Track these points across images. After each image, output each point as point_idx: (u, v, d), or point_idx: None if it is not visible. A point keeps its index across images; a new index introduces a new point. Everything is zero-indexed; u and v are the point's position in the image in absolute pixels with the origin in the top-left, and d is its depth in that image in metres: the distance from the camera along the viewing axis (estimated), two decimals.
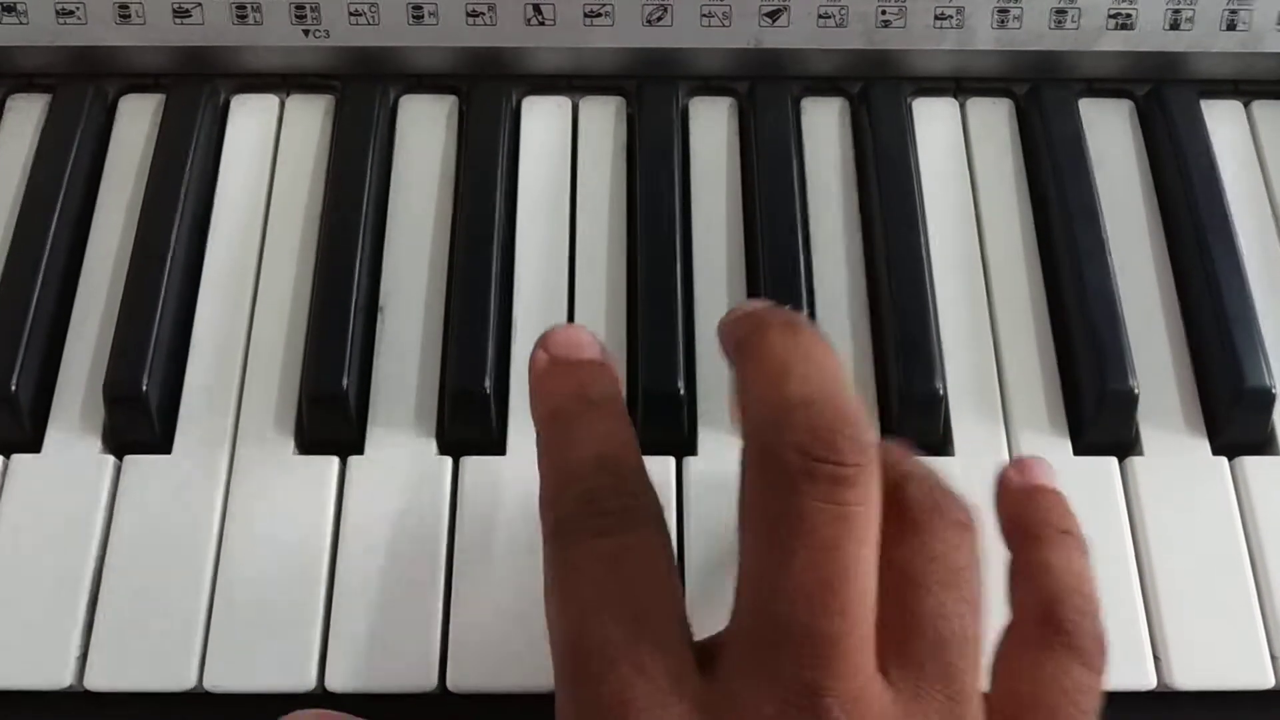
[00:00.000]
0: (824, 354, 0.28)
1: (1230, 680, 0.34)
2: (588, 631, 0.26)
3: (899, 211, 0.41)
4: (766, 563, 0.25)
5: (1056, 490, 0.31)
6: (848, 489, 0.25)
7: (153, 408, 0.37)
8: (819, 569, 0.25)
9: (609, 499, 0.27)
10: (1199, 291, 0.40)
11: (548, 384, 0.30)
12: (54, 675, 0.34)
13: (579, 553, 0.26)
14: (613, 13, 0.43)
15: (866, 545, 0.25)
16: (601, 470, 0.28)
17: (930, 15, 0.43)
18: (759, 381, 0.27)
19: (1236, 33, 0.43)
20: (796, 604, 0.24)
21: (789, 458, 0.25)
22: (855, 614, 0.25)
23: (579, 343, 0.31)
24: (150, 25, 0.43)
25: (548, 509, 0.28)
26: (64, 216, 0.41)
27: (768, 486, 0.26)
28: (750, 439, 0.27)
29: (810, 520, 0.25)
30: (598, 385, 0.30)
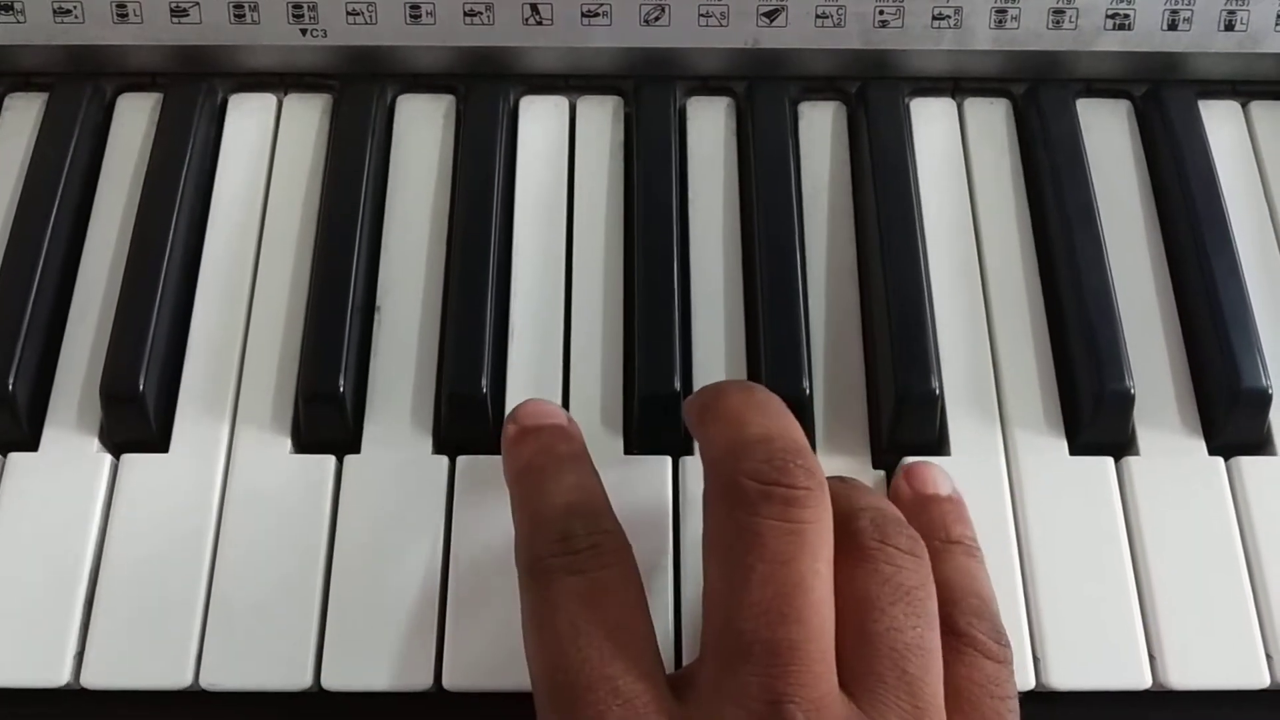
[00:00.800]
0: (776, 404, 0.31)
1: (1225, 680, 0.34)
2: (566, 662, 0.28)
3: (896, 211, 0.41)
4: (727, 582, 0.28)
5: (943, 496, 0.34)
6: (800, 508, 0.28)
7: (150, 407, 0.37)
8: (776, 582, 0.27)
9: (580, 539, 0.29)
10: (1196, 292, 0.40)
11: (518, 447, 0.33)
12: (51, 673, 0.34)
13: (555, 590, 0.29)
14: (610, 12, 0.43)
15: (820, 560, 0.28)
16: (571, 515, 0.30)
17: (928, 15, 0.43)
18: (718, 430, 0.30)
19: (1234, 33, 0.43)
20: (758, 616, 0.27)
21: (745, 484, 0.28)
22: (812, 623, 0.27)
23: (545, 413, 0.34)
24: (148, 24, 0.43)
25: (523, 554, 0.30)
26: (61, 215, 0.41)
27: (727, 511, 0.28)
28: (712, 474, 0.30)
29: (765, 537, 0.27)
30: (564, 443, 0.33)
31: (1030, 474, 0.37)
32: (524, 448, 0.33)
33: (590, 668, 0.27)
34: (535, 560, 0.30)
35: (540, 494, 0.31)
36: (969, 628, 0.30)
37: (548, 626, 0.29)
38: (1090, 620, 0.35)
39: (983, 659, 0.30)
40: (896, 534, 0.30)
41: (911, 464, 0.35)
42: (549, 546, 0.29)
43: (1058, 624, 0.35)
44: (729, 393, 0.32)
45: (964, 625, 0.31)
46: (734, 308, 0.40)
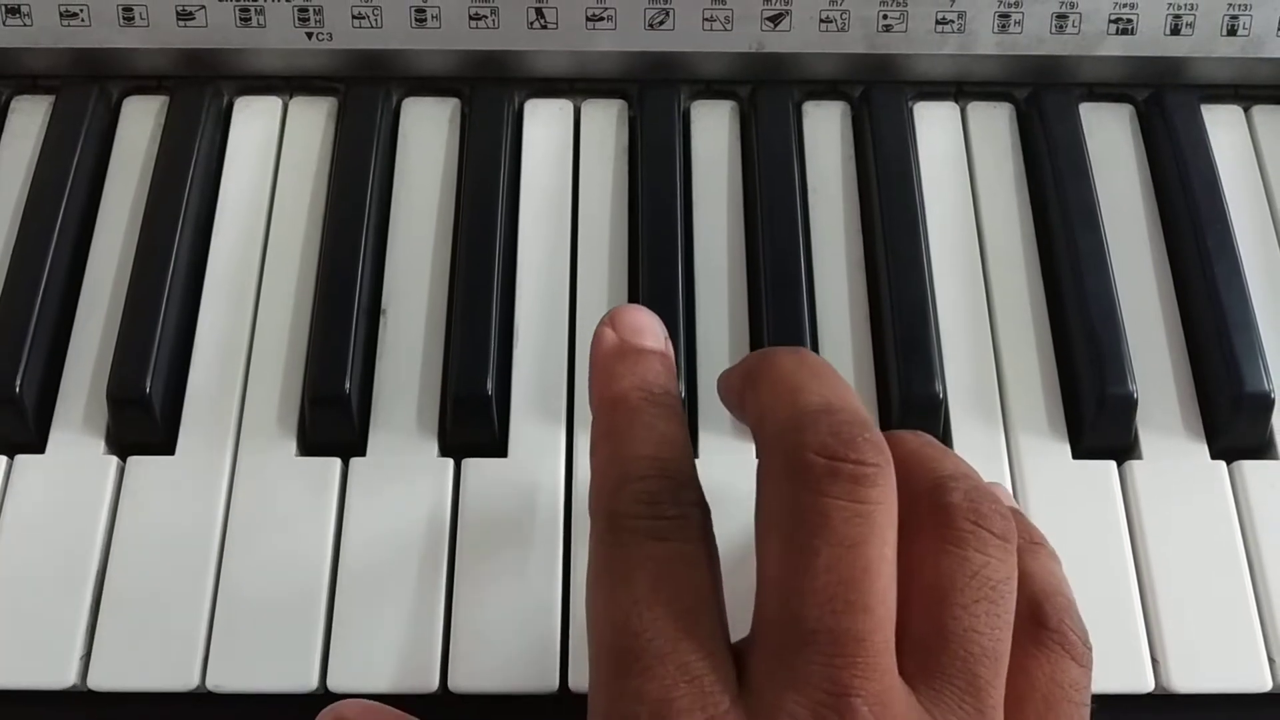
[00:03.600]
0: (832, 370, 0.29)
1: (1228, 683, 0.35)
2: (636, 628, 0.26)
3: (899, 215, 0.41)
4: (789, 565, 0.25)
5: (1018, 509, 0.33)
6: (869, 488, 0.25)
7: (156, 409, 0.37)
8: (843, 568, 0.25)
9: (668, 505, 0.27)
10: (1198, 296, 0.40)
11: (614, 367, 0.30)
12: (58, 675, 0.34)
13: (635, 553, 0.27)
14: (615, 16, 0.43)
15: (887, 544, 0.26)
16: (662, 473, 0.28)
17: (931, 20, 0.43)
18: (774, 398, 0.28)
19: (1237, 38, 0.43)
20: (822, 604, 0.25)
21: (811, 459, 0.26)
22: (878, 613, 0.25)
23: (646, 329, 0.31)
24: (154, 27, 0.43)
25: (604, 499, 0.28)
26: (68, 217, 0.41)
27: (790, 489, 0.26)
28: (770, 448, 0.27)
29: (833, 520, 0.25)
30: (661, 381, 0.30)
31: (1033, 477, 0.37)
32: (621, 372, 0.30)
33: (663, 640, 0.26)
34: (617, 515, 0.27)
35: (632, 439, 0.29)
36: (1061, 624, 0.28)
37: (623, 586, 0.26)
38: (1093, 624, 0.34)
39: (1069, 660, 0.28)
40: (992, 514, 0.27)
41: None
42: (634, 505, 0.27)
43: None
44: (779, 356, 0.29)
45: (1056, 620, 0.28)
46: (738, 310, 0.40)
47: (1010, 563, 0.27)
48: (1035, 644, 0.28)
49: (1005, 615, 0.27)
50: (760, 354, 0.30)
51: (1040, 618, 0.28)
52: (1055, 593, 0.29)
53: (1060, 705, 0.27)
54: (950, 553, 0.27)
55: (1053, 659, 0.28)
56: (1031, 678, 0.28)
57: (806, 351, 0.30)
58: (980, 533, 0.27)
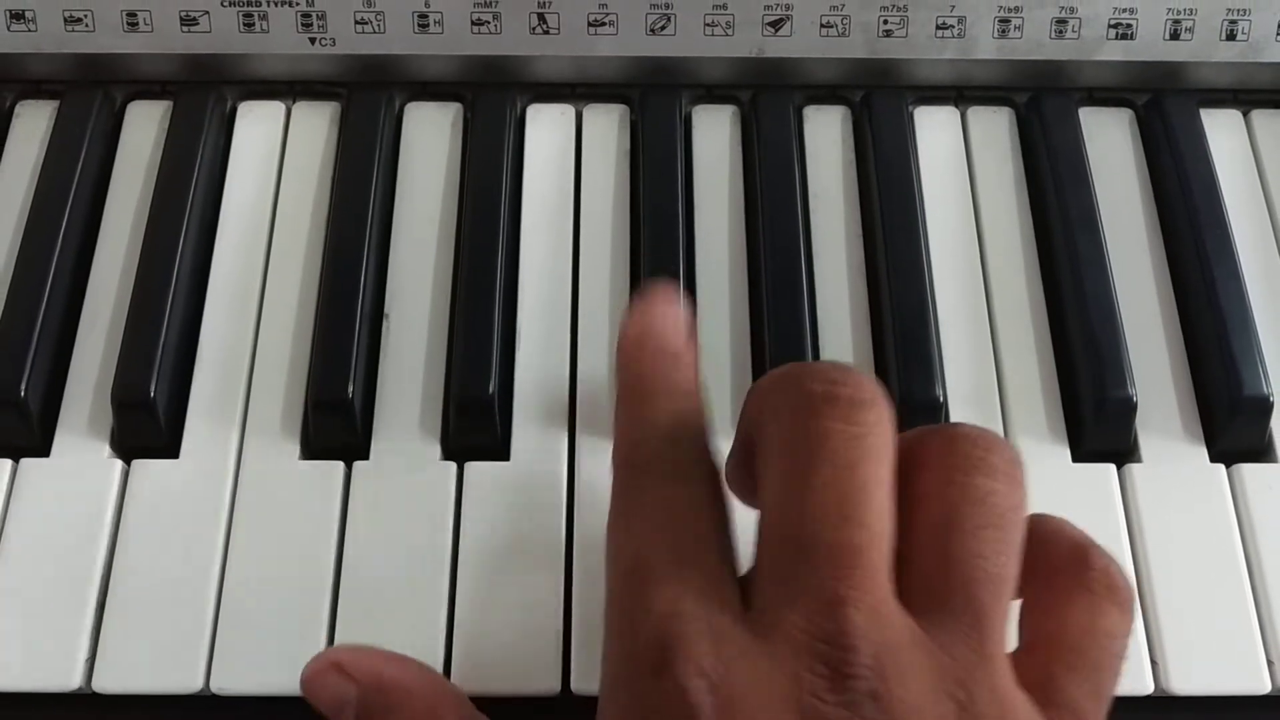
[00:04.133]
0: None
1: (1227, 686, 0.35)
2: (647, 554, 0.27)
3: (900, 219, 0.41)
4: (788, 484, 0.26)
5: None
6: (865, 410, 0.26)
7: (160, 413, 0.38)
8: (840, 485, 0.25)
9: (687, 451, 0.29)
10: (1198, 300, 0.40)
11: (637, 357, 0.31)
12: (63, 677, 0.34)
13: (650, 488, 0.28)
14: (616, 22, 0.43)
15: (883, 467, 0.26)
16: (682, 425, 0.29)
17: (932, 25, 0.43)
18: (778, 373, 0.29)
19: (1236, 43, 0.44)
20: (819, 519, 0.25)
21: (811, 386, 0.27)
22: (875, 529, 0.25)
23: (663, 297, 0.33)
24: (157, 33, 0.43)
25: (623, 451, 0.29)
26: (72, 222, 0.41)
27: (790, 417, 0.27)
28: (769, 390, 0.28)
29: (831, 440, 0.26)
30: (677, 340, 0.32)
31: (1032, 481, 0.37)
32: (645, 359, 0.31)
33: (672, 564, 0.26)
34: (635, 463, 0.29)
35: (652, 398, 0.30)
36: (1106, 565, 0.27)
37: (637, 522, 0.28)
38: None
39: (1110, 604, 0.27)
40: (1001, 450, 0.27)
41: None
42: (656, 447, 0.29)
43: None
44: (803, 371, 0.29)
45: (1102, 560, 0.27)
46: (739, 314, 0.40)
47: (1019, 495, 0.27)
48: (1076, 584, 0.27)
49: (1012, 544, 0.26)
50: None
51: (1083, 558, 0.27)
52: (1095, 543, 0.28)
53: (1094, 654, 0.26)
54: (956, 481, 0.26)
55: (1095, 602, 0.27)
56: (1066, 621, 0.27)
57: None
58: (990, 459, 0.27)
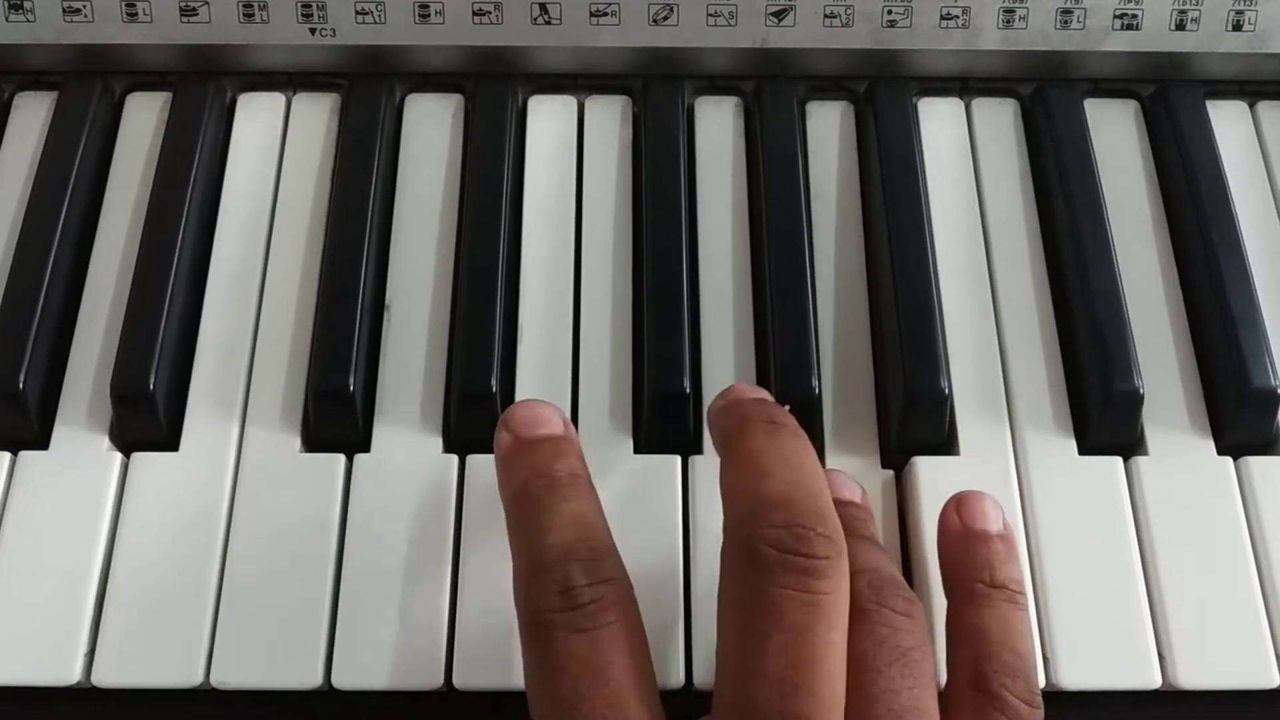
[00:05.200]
0: (801, 455, 0.30)
1: (1235, 680, 0.35)
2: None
3: (904, 211, 0.41)
4: (742, 647, 0.27)
5: (993, 534, 0.33)
6: (819, 579, 0.27)
7: (160, 406, 0.37)
8: (790, 652, 0.27)
9: (583, 592, 0.29)
10: (1204, 292, 0.40)
11: (513, 464, 0.32)
12: (62, 671, 0.34)
13: (557, 651, 0.28)
14: (619, 12, 0.43)
15: (836, 631, 0.28)
16: (571, 558, 0.29)
17: (936, 15, 0.43)
18: (740, 479, 0.30)
19: (1242, 33, 0.43)
20: (771, 686, 0.27)
21: (764, 550, 0.28)
22: (825, 694, 0.27)
23: (541, 418, 0.33)
24: (157, 23, 0.43)
25: (524, 601, 0.30)
26: (71, 213, 0.41)
27: (744, 575, 0.28)
28: (730, 532, 0.29)
29: (782, 606, 0.27)
30: (562, 461, 0.32)
31: (1039, 474, 0.37)
32: (518, 466, 0.32)
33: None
34: (536, 614, 0.29)
35: (538, 529, 0.30)
36: (1001, 689, 0.30)
37: (550, 691, 0.28)
38: (1100, 620, 0.35)
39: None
40: (893, 596, 0.30)
41: (963, 495, 0.34)
42: (550, 599, 0.29)
43: (1067, 624, 0.35)
44: (753, 432, 0.31)
45: (996, 686, 0.30)
46: (743, 306, 0.40)
47: (918, 633, 0.29)
48: (976, 710, 0.30)
49: (921, 676, 0.29)
50: (739, 416, 0.31)
51: (981, 682, 0.30)
52: (1000, 650, 0.30)
53: None
54: (862, 631, 0.29)
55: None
56: None
57: (781, 425, 0.31)
58: (883, 610, 0.29)
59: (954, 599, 0.33)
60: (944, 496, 0.35)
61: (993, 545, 0.33)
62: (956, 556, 0.33)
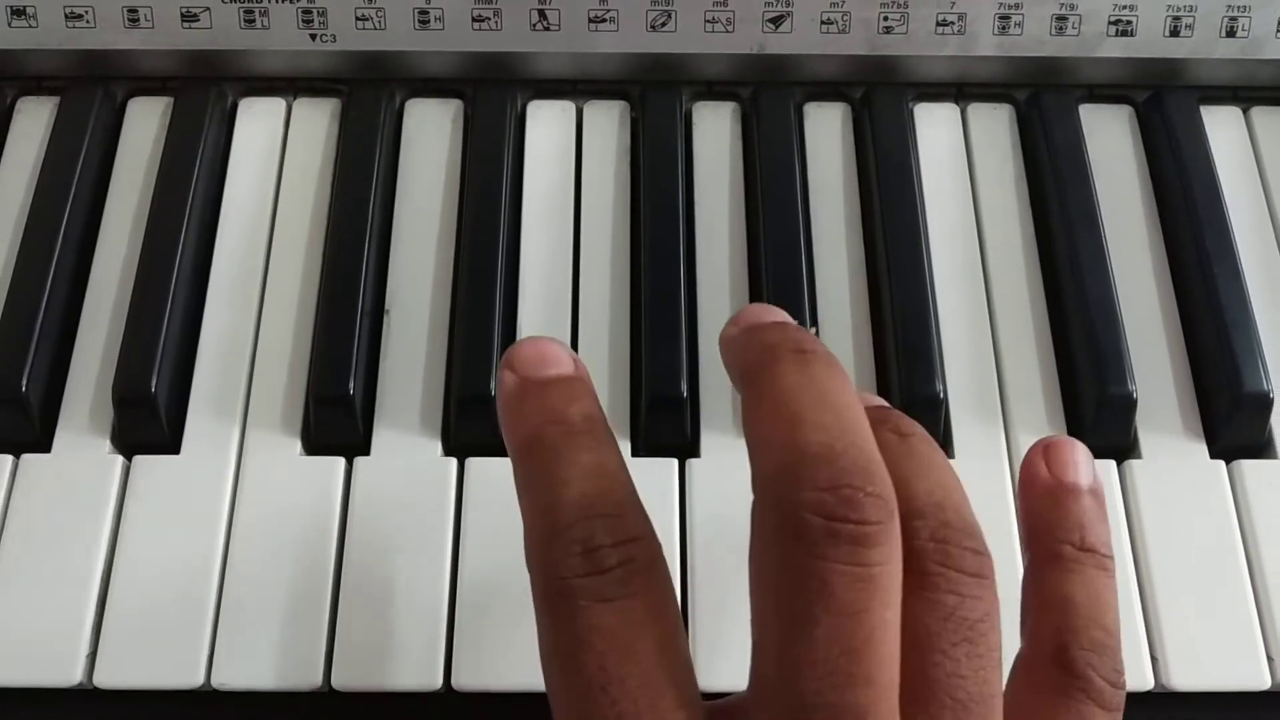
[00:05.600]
0: (840, 391, 0.25)
1: (1227, 681, 0.35)
2: (597, 711, 0.24)
3: (900, 216, 0.41)
4: (786, 632, 0.24)
5: (1084, 489, 0.29)
6: (872, 548, 0.23)
7: (161, 409, 0.38)
8: (844, 638, 0.23)
9: (608, 553, 0.25)
10: (1198, 296, 0.40)
11: (520, 409, 0.27)
12: (64, 673, 0.34)
13: (581, 623, 0.24)
14: (617, 18, 0.43)
15: (891, 608, 0.24)
16: (594, 514, 0.25)
17: (932, 22, 0.43)
18: (771, 425, 0.25)
19: (1236, 39, 0.44)
20: (822, 677, 0.23)
21: (809, 519, 0.23)
22: (882, 682, 0.23)
23: (549, 357, 0.28)
24: (158, 29, 0.43)
25: (540, 564, 0.25)
26: (73, 218, 0.41)
27: (784, 548, 0.24)
28: (763, 492, 0.25)
29: (833, 586, 0.23)
30: (577, 405, 0.27)
31: None
32: (527, 410, 0.27)
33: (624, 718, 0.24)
34: (555, 579, 0.25)
35: (553, 481, 0.26)
36: (1086, 667, 0.26)
37: (574, 668, 0.24)
38: None
39: (1094, 707, 0.26)
40: (960, 552, 0.25)
41: (1054, 441, 0.29)
42: (570, 562, 0.24)
43: None
44: (781, 366, 0.26)
45: (1081, 664, 0.26)
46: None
47: (987, 598, 0.25)
48: (1057, 691, 0.26)
49: (990, 654, 0.25)
50: (762, 351, 0.26)
51: (1064, 659, 0.26)
52: (1088, 624, 0.27)
53: None
54: (923, 598, 0.25)
55: (1075, 709, 0.26)
56: None
57: (813, 358, 0.26)
58: (949, 574, 0.25)
59: (1036, 560, 0.28)
60: None
61: (1084, 502, 0.29)
62: (1042, 512, 0.29)
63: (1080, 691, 0.26)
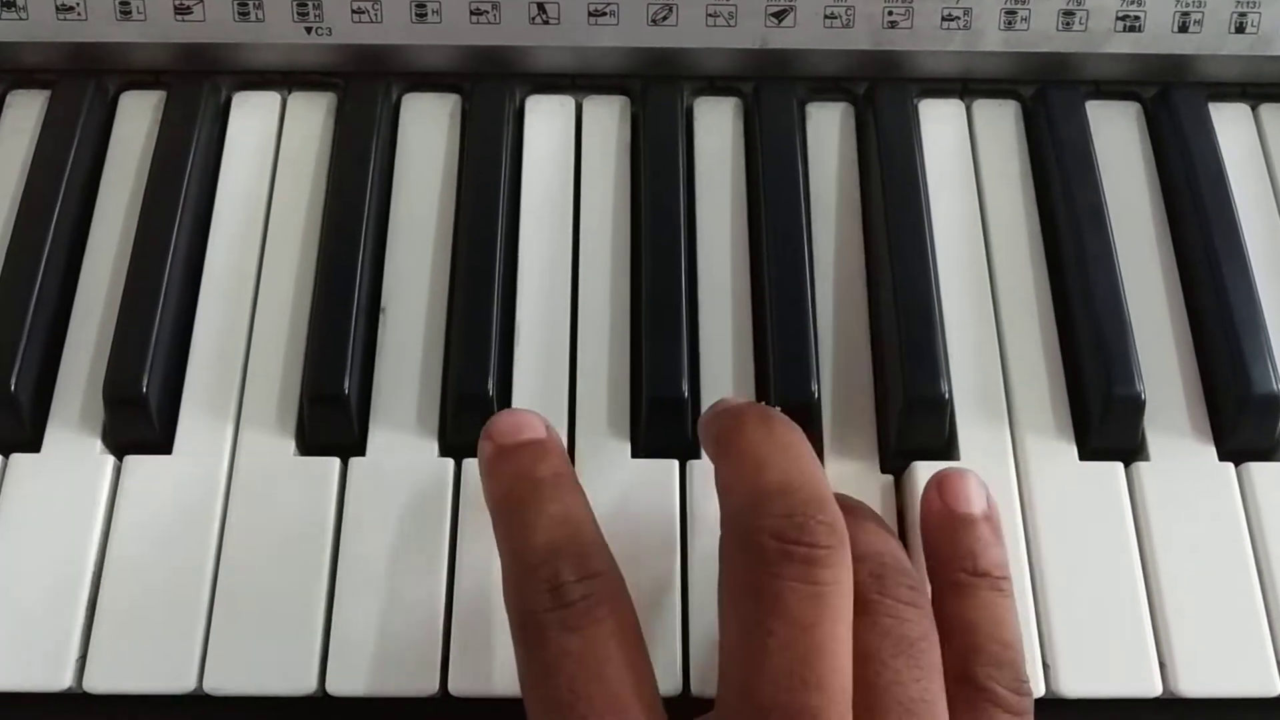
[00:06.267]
0: (798, 443, 0.30)
1: (1236, 688, 0.34)
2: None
3: (905, 213, 0.41)
4: (746, 642, 0.27)
5: (976, 516, 0.32)
6: (822, 568, 0.27)
7: (153, 408, 0.37)
8: (796, 647, 0.26)
9: (572, 588, 0.28)
10: (1206, 296, 0.40)
11: (496, 471, 0.32)
12: (53, 677, 0.34)
13: (550, 651, 0.28)
14: (617, 11, 0.42)
15: (841, 623, 0.27)
16: (559, 556, 0.29)
17: (937, 16, 0.43)
18: (736, 472, 0.29)
19: (1245, 35, 0.43)
20: (777, 681, 0.26)
21: (765, 541, 0.27)
22: (832, 687, 0.26)
23: (522, 425, 0.32)
24: (151, 21, 0.42)
25: (514, 602, 0.29)
26: (64, 214, 0.41)
27: (745, 568, 0.27)
28: (727, 525, 0.29)
29: (787, 600, 0.27)
30: (545, 463, 0.31)
31: (1039, 479, 0.37)
32: (501, 472, 0.32)
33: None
34: (527, 614, 0.29)
35: (523, 530, 0.30)
36: (988, 680, 0.30)
37: (546, 692, 0.28)
38: (1100, 627, 0.35)
39: (1000, 712, 0.29)
40: (896, 584, 0.29)
41: (945, 473, 0.33)
42: (539, 598, 0.28)
43: (1067, 631, 0.34)
44: (747, 426, 0.30)
45: (983, 678, 0.30)
46: (741, 309, 0.40)
47: (924, 622, 0.29)
48: (963, 702, 0.29)
49: (929, 667, 0.29)
50: (732, 415, 0.31)
51: (968, 674, 0.30)
52: (987, 641, 0.30)
53: None
54: (866, 623, 0.28)
55: (983, 715, 0.29)
56: None
57: (775, 419, 0.31)
58: (886, 601, 0.29)
59: (937, 587, 0.32)
60: None
61: (976, 530, 0.32)
62: (939, 542, 0.32)
63: (986, 702, 0.29)
